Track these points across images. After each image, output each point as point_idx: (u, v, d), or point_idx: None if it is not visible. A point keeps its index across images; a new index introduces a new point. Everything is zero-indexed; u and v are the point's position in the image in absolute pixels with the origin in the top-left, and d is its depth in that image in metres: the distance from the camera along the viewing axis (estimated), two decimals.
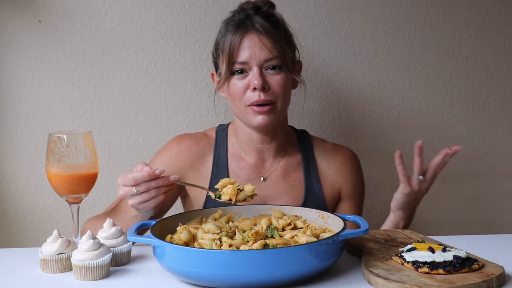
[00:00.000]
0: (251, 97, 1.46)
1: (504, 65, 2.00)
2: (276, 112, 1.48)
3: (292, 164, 1.58)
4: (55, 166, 1.24)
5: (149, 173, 1.26)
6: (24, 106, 1.82)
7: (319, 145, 1.63)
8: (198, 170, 1.56)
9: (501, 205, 2.04)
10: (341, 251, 1.15)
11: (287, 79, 1.49)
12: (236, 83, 1.47)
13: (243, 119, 1.51)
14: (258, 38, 1.46)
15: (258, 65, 1.45)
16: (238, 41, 1.46)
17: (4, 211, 1.83)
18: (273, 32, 1.47)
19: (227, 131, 1.61)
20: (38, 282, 1.15)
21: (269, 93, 1.46)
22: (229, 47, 1.46)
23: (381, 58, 1.95)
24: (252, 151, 1.56)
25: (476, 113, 2.00)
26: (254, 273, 1.04)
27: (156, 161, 1.57)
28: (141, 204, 1.29)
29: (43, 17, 1.80)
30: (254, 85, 1.44)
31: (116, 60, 1.84)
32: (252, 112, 1.46)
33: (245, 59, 1.45)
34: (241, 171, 1.56)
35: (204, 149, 1.57)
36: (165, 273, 1.16)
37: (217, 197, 1.32)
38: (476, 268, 1.08)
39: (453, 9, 1.96)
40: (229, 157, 1.57)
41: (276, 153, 1.57)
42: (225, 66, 1.48)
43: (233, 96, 1.48)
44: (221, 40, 1.50)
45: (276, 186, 1.56)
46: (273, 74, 1.47)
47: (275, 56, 1.46)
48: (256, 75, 1.44)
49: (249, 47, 1.45)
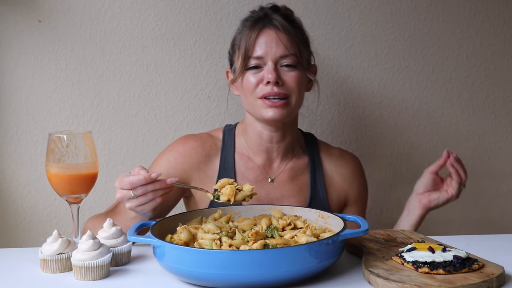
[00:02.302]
0: (263, 90, 1.45)
1: (504, 65, 2.00)
2: (290, 107, 1.47)
3: (299, 166, 1.58)
4: (55, 166, 1.24)
5: (145, 177, 1.25)
6: (24, 106, 1.82)
7: (326, 150, 1.63)
8: (204, 171, 1.55)
9: (501, 205, 2.04)
10: (341, 251, 1.15)
11: (301, 78, 1.48)
12: (249, 77, 1.47)
13: (254, 113, 1.49)
14: (276, 34, 1.46)
15: (273, 61, 1.45)
16: (255, 37, 1.46)
17: (4, 211, 1.83)
18: (291, 30, 1.48)
19: (234, 131, 1.60)
20: (38, 282, 1.15)
21: (283, 87, 1.45)
22: (245, 42, 1.46)
23: (381, 58, 1.95)
24: (261, 151, 1.56)
25: (476, 113, 2.00)
26: (254, 273, 1.04)
27: (160, 161, 1.55)
28: (138, 207, 1.28)
29: (43, 17, 1.80)
30: (267, 79, 1.44)
31: (116, 60, 1.84)
32: (263, 105, 1.46)
33: (261, 54, 1.45)
34: (248, 171, 1.55)
35: (210, 150, 1.56)
36: (165, 273, 1.16)
37: (216, 198, 1.32)
38: (476, 268, 1.08)
39: (453, 9, 1.96)
40: (236, 158, 1.56)
41: (284, 154, 1.57)
42: (240, 61, 1.48)
43: (245, 90, 1.48)
44: (238, 36, 1.51)
45: (283, 187, 1.55)
46: (288, 71, 1.47)
47: (291, 54, 1.46)
48: (270, 70, 1.44)
49: (265, 42, 1.46)
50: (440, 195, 1.51)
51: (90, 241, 1.15)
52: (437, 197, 1.51)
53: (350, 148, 1.92)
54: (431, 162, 1.53)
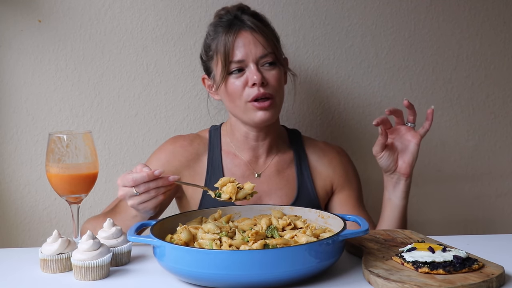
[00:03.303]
0: (250, 92, 1.48)
1: (504, 65, 2.00)
2: (276, 106, 1.51)
3: (285, 160, 1.61)
4: (55, 166, 1.24)
5: (148, 173, 1.27)
6: (24, 106, 1.82)
7: (310, 143, 1.66)
8: (194, 169, 1.58)
9: (501, 205, 2.04)
10: (341, 251, 1.15)
11: (281, 74, 1.53)
12: (234, 81, 1.49)
13: (243, 117, 1.52)
14: (252, 35, 1.49)
15: (255, 62, 1.48)
16: (233, 41, 1.48)
17: (4, 211, 1.83)
18: (264, 29, 1.51)
19: (220, 131, 1.63)
20: (38, 282, 1.15)
21: (267, 87, 1.48)
22: (224, 47, 1.48)
23: (381, 58, 1.95)
24: (247, 149, 1.59)
25: (476, 113, 2.00)
26: (254, 273, 1.04)
27: (152, 161, 1.58)
28: (140, 205, 1.29)
29: (43, 17, 1.80)
30: (253, 81, 1.46)
31: (116, 60, 1.84)
32: (253, 108, 1.48)
33: (241, 57, 1.48)
34: (235, 168, 1.58)
35: (198, 148, 1.60)
36: (165, 273, 1.16)
37: (217, 196, 1.33)
38: (476, 268, 1.08)
39: (453, 9, 1.96)
40: (223, 155, 1.59)
41: (269, 150, 1.60)
42: (221, 66, 1.49)
43: (232, 95, 1.50)
44: (213, 42, 1.52)
45: (270, 181, 1.58)
46: (269, 69, 1.50)
47: (269, 52, 1.49)
48: (254, 71, 1.47)
49: (243, 45, 1.48)
50: (405, 155, 1.45)
51: (90, 241, 1.15)
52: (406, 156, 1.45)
53: (350, 148, 1.91)
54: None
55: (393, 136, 1.48)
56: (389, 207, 1.51)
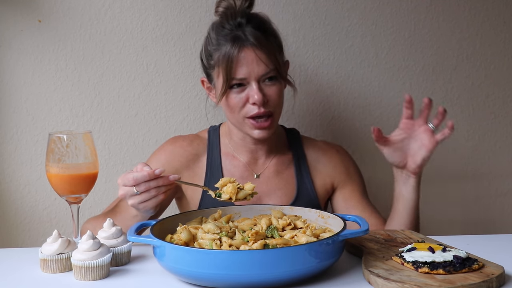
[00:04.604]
0: (250, 110, 1.47)
1: (504, 65, 2.00)
2: (274, 123, 1.51)
3: (284, 161, 1.61)
4: (55, 166, 1.24)
5: (149, 173, 1.27)
6: (24, 106, 1.82)
7: (309, 143, 1.65)
8: (193, 170, 1.58)
9: (501, 205, 2.04)
10: (341, 251, 1.15)
11: (282, 88, 1.51)
12: (235, 96, 1.47)
13: (241, 129, 1.52)
14: (255, 53, 1.45)
15: (256, 80, 1.46)
16: (236, 57, 1.44)
17: (4, 211, 1.83)
18: (267, 44, 1.47)
19: (219, 132, 1.63)
20: (38, 282, 1.15)
21: (268, 105, 1.47)
22: (226, 63, 1.45)
23: (381, 58, 1.95)
24: (245, 151, 1.59)
25: (476, 113, 2.00)
26: (254, 273, 1.04)
27: (152, 161, 1.58)
28: (141, 204, 1.29)
29: (43, 17, 1.80)
30: (254, 100, 1.45)
31: (116, 60, 1.84)
32: (250, 125, 1.48)
33: (243, 75, 1.45)
34: (234, 169, 1.58)
35: (197, 149, 1.60)
36: (165, 273, 1.16)
37: (217, 196, 1.33)
38: (476, 268, 1.08)
39: (453, 9, 1.96)
40: (222, 156, 1.59)
41: (268, 152, 1.60)
42: (222, 80, 1.47)
43: (232, 108, 1.49)
44: (215, 53, 1.48)
45: (269, 182, 1.58)
46: (270, 85, 1.48)
47: (271, 69, 1.47)
48: (255, 91, 1.45)
49: (246, 63, 1.45)
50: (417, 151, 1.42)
51: (90, 241, 1.15)
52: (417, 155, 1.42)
53: (350, 148, 1.92)
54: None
55: (408, 133, 1.43)
56: (401, 201, 1.46)
